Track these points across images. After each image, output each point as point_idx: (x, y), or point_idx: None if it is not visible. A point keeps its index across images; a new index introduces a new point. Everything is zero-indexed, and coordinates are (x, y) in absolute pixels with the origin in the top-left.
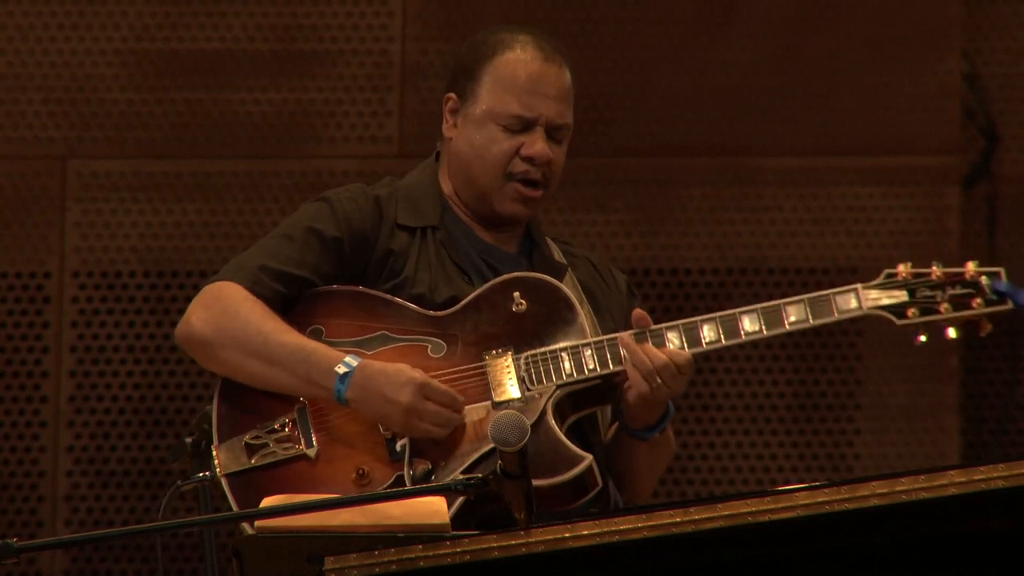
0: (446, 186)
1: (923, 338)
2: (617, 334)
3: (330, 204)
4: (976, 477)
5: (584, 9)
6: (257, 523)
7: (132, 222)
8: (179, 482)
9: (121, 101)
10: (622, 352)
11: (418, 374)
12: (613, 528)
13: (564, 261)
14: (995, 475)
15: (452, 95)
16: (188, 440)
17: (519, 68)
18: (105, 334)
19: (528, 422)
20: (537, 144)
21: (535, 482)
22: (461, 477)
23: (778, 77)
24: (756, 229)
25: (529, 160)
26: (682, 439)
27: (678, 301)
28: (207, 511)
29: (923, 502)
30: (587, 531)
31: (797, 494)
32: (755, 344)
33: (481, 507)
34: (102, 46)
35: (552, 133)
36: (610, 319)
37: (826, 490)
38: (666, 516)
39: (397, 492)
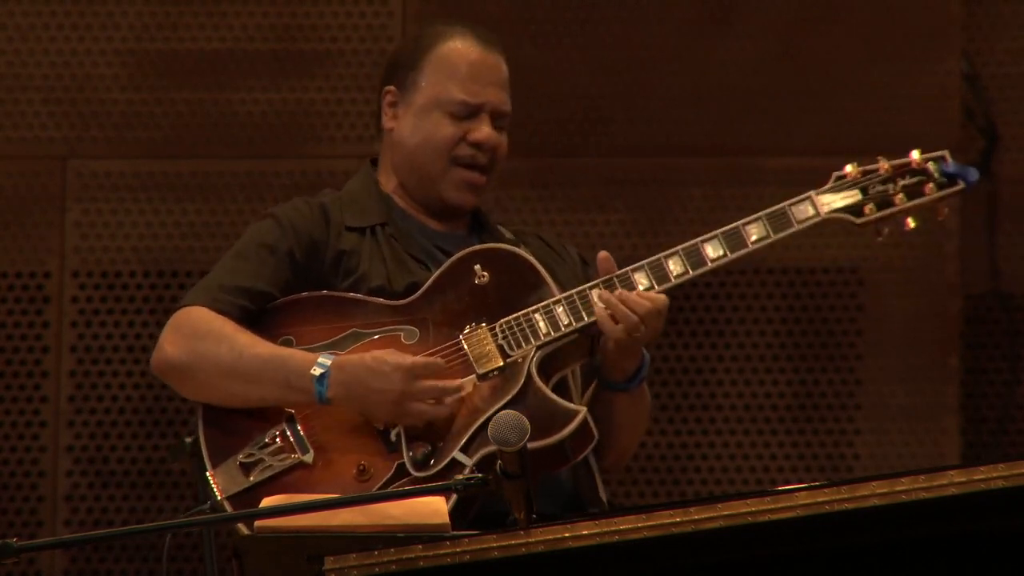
0: (388, 183)
1: (885, 231)
2: (587, 286)
3: (276, 219)
4: (976, 477)
5: (584, 9)
6: (257, 523)
7: (132, 222)
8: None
9: (121, 101)
10: (599, 306)
11: (402, 358)
12: (613, 528)
13: (514, 239)
14: (995, 475)
15: (391, 88)
16: (188, 440)
17: (461, 57)
18: (105, 334)
19: (528, 423)
20: (484, 129)
21: (536, 444)
22: (461, 477)
23: (778, 77)
24: None
25: (476, 145)
26: (682, 439)
27: (678, 301)
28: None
29: (923, 502)
30: (587, 531)
31: (797, 494)
32: (755, 344)
33: (472, 506)
34: (102, 46)
35: (495, 120)
36: (568, 289)
37: (826, 490)
38: (666, 516)
39: (397, 492)
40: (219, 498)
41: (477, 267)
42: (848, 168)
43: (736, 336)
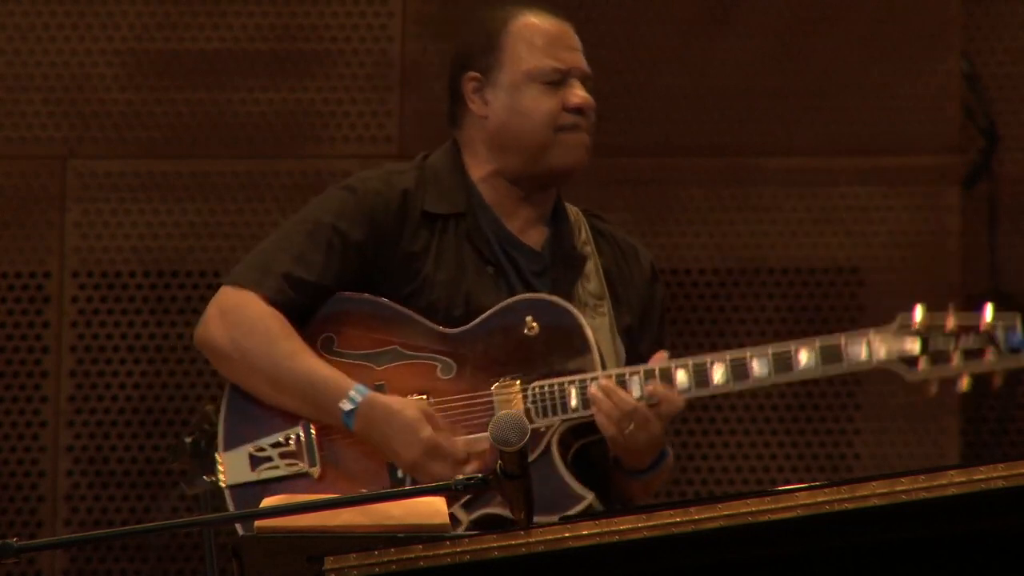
0: (478, 169)
1: (935, 390)
2: (627, 370)
3: (357, 200)
4: (976, 477)
5: (584, 9)
6: (257, 523)
7: (132, 222)
8: (183, 486)
9: (121, 101)
10: (594, 402)
11: (427, 432)
12: (613, 528)
13: (588, 246)
14: (995, 475)
15: (473, 74)
16: (188, 440)
17: (538, 28)
18: (105, 334)
19: (528, 423)
20: (579, 92)
21: (536, 519)
22: (461, 477)
23: (778, 77)
24: (756, 229)
25: (576, 111)
26: (682, 439)
27: (678, 301)
28: (207, 511)
29: (923, 502)
30: (587, 531)
31: (797, 494)
32: (755, 344)
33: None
34: (102, 46)
35: (584, 82)
36: (627, 312)
37: (826, 490)
38: (666, 516)
39: (397, 492)
40: (222, 483)
41: (528, 318)
42: (917, 314)
43: (736, 336)
